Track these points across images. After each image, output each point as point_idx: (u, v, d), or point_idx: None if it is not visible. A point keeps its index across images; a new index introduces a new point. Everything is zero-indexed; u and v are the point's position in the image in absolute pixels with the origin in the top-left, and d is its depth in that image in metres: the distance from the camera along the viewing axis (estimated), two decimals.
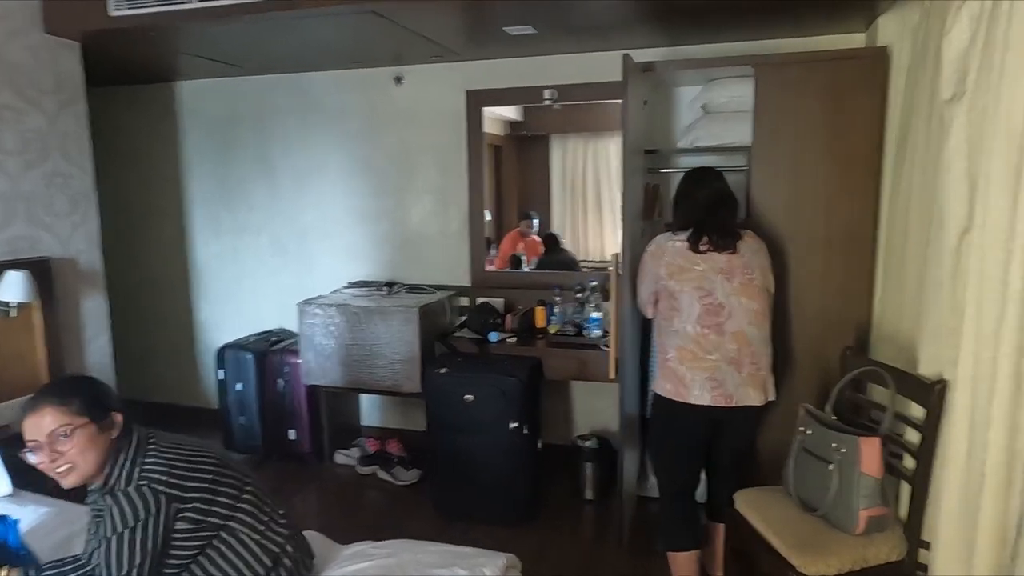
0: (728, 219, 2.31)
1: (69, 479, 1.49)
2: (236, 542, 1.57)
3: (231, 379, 3.69)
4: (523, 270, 3.77)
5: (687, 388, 2.23)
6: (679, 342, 2.24)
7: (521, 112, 3.80)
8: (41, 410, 1.47)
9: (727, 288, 2.22)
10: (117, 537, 1.44)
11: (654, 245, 2.36)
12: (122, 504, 1.46)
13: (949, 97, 1.78)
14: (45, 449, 1.45)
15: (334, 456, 3.70)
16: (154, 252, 4.30)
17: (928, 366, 2.03)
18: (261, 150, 4.00)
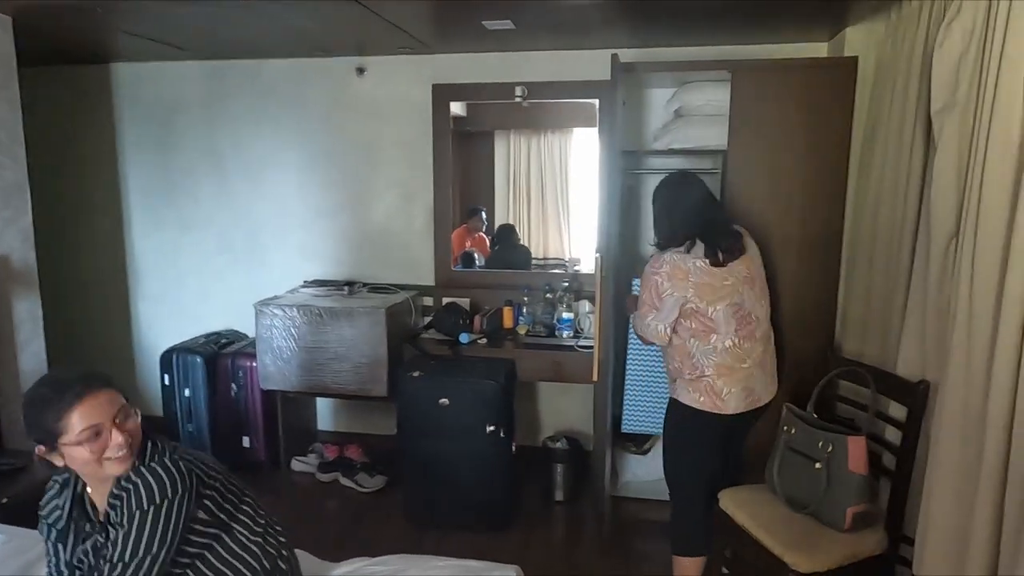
0: (727, 220, 2.28)
1: (122, 465, 1.38)
2: (237, 545, 1.51)
3: (178, 384, 3.45)
4: (477, 268, 3.70)
5: (723, 401, 2.19)
6: (717, 359, 2.18)
7: (465, 108, 3.73)
8: (98, 393, 1.37)
9: (752, 296, 2.21)
10: (155, 509, 1.35)
11: (668, 266, 2.17)
12: (159, 474, 1.38)
13: (939, 108, 1.85)
14: (107, 431, 1.36)
15: (291, 463, 3.53)
16: (88, 248, 3.97)
17: (907, 367, 2.12)
18: (208, 140, 3.76)
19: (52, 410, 1.34)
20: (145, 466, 1.39)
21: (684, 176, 2.36)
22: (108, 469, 1.37)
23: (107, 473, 1.38)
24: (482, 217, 3.82)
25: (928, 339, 1.97)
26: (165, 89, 3.74)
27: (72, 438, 1.33)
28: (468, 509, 2.88)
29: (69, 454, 1.36)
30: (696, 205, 2.23)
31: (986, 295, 1.62)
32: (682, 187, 2.29)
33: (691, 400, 2.23)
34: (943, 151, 1.83)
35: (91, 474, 1.39)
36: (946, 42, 1.80)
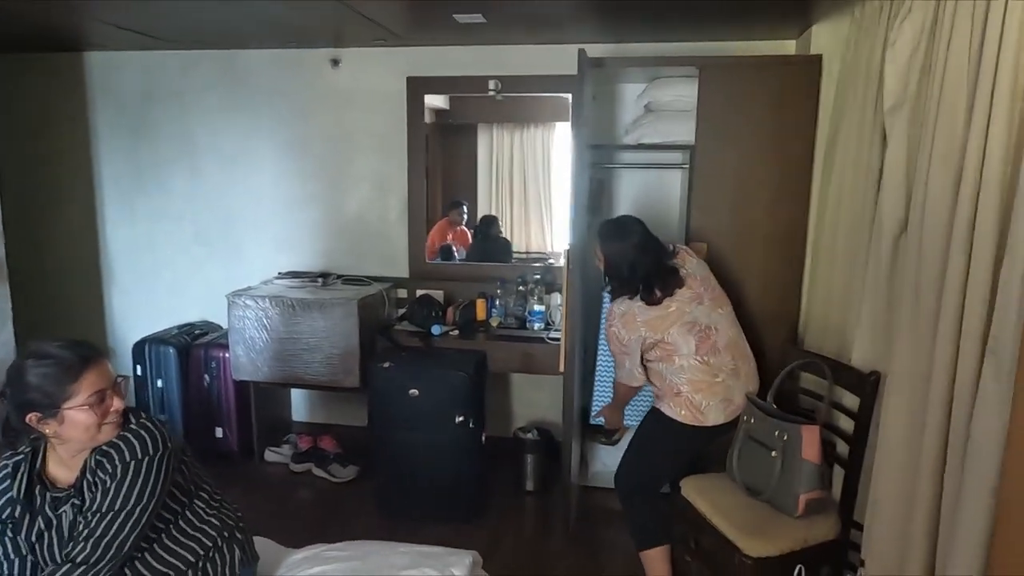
0: (666, 257, 2.34)
1: (116, 430, 1.47)
2: (197, 518, 1.59)
3: (151, 375, 3.45)
4: (457, 261, 3.72)
5: (704, 414, 2.26)
6: (688, 376, 2.27)
7: (447, 101, 3.75)
8: (101, 361, 1.47)
9: (704, 310, 2.29)
10: (146, 462, 1.43)
11: (618, 318, 2.32)
12: (141, 434, 1.46)
13: (891, 106, 1.90)
14: (110, 397, 1.44)
15: (264, 454, 3.54)
16: (61, 238, 3.95)
17: (861, 358, 2.17)
18: (182, 131, 3.75)
19: (64, 373, 1.41)
20: (127, 428, 1.47)
21: (619, 226, 2.38)
22: (104, 434, 1.44)
23: (101, 438, 1.44)
24: (463, 211, 3.84)
25: (879, 331, 2.02)
26: (140, 78, 3.73)
27: (81, 401, 1.40)
28: (438, 499, 2.91)
29: (72, 418, 1.42)
30: (634, 255, 2.29)
31: (929, 288, 1.67)
32: (621, 238, 2.33)
33: (674, 413, 2.30)
34: (893, 147, 1.88)
35: (86, 440, 1.45)
36: (898, 41, 1.85)
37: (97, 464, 1.43)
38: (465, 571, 1.64)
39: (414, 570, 1.61)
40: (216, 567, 1.59)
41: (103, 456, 1.43)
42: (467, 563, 1.67)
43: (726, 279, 2.80)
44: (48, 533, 1.48)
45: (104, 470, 1.42)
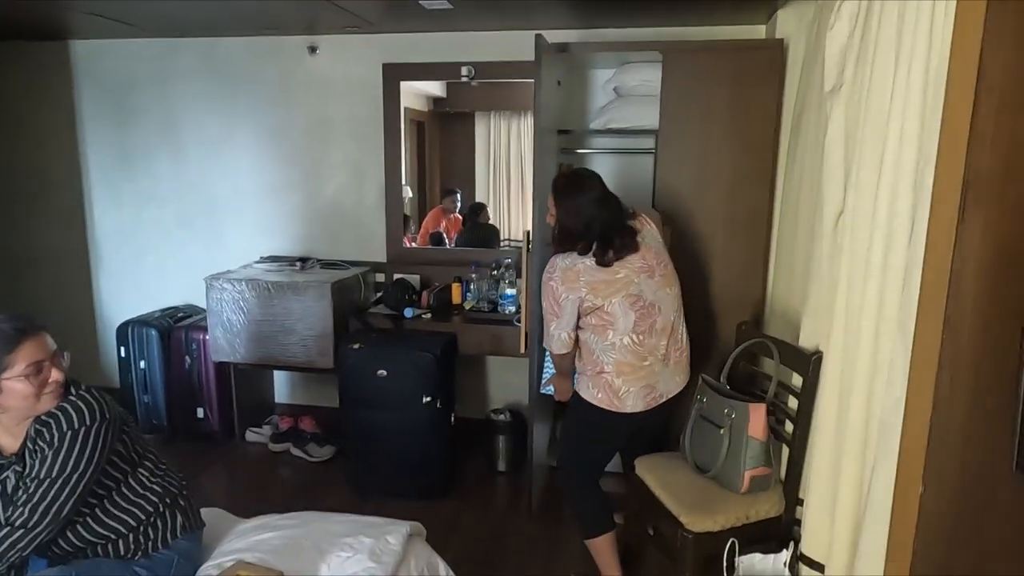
0: (623, 216, 2.20)
1: (55, 400, 1.53)
2: (140, 485, 1.66)
3: (134, 356, 3.54)
4: (441, 247, 3.78)
5: (621, 400, 2.16)
6: (616, 356, 2.14)
7: (444, 88, 3.78)
8: (40, 333, 1.53)
9: (652, 285, 2.15)
10: (83, 431, 1.50)
11: (560, 270, 2.14)
12: (80, 405, 1.52)
13: (829, 89, 1.92)
14: (48, 369, 1.51)
15: (245, 434, 3.62)
16: (48, 223, 4.03)
17: (808, 339, 2.20)
18: (165, 118, 3.81)
19: (2, 344, 1.47)
20: (67, 399, 1.55)
21: (577, 177, 2.24)
22: (43, 404, 1.51)
23: (40, 408, 1.51)
24: (456, 199, 3.89)
25: (821, 313, 2.05)
26: (122, 66, 3.79)
27: (18, 371, 1.47)
28: (406, 477, 2.98)
29: (10, 388, 1.49)
30: (592, 210, 2.12)
31: (858, 268, 1.71)
32: (577, 190, 2.17)
33: (590, 396, 2.20)
34: (832, 130, 1.91)
35: (23, 409, 1.52)
36: (836, 25, 1.87)
37: (37, 433, 1.50)
38: (400, 540, 1.70)
39: (350, 537, 1.67)
40: (157, 531, 1.66)
41: (42, 425, 1.50)
42: (403, 532, 1.73)
43: (690, 263, 2.84)
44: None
45: (43, 438, 1.49)
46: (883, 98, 1.63)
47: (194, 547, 1.72)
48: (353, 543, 1.67)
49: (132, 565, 1.61)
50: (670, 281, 2.24)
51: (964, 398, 1.17)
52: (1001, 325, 1.09)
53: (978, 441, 1.13)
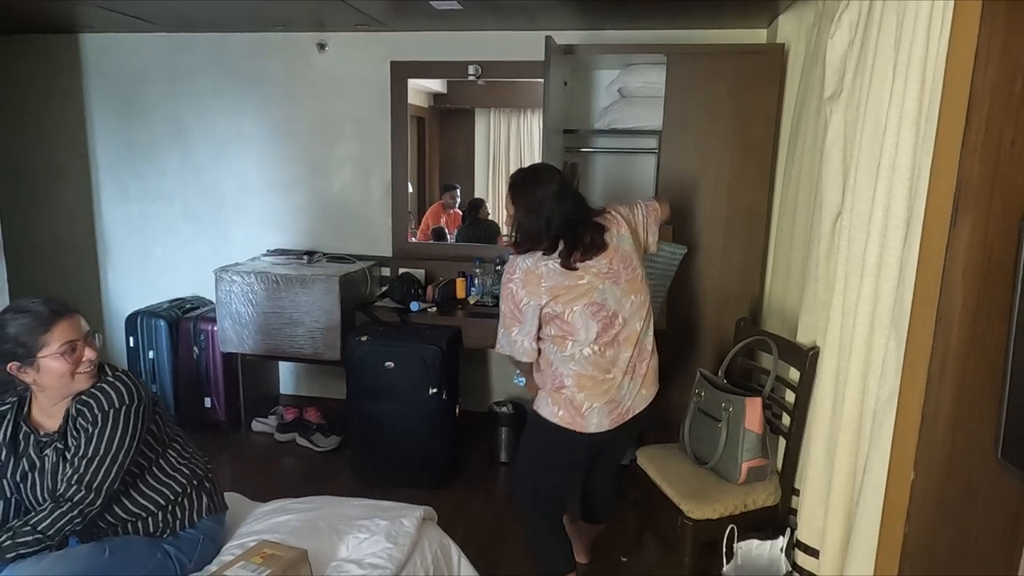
0: (587, 213, 2.01)
1: (90, 380, 1.61)
2: (169, 466, 1.74)
3: (143, 346, 3.60)
4: (446, 242, 3.85)
5: (584, 418, 1.98)
6: (576, 368, 1.97)
7: (445, 85, 3.84)
8: (74, 315, 1.61)
9: (617, 293, 1.98)
10: (124, 410, 1.59)
11: (520, 272, 1.96)
12: (117, 386, 1.61)
13: (829, 95, 2.00)
14: (82, 348, 1.58)
15: (251, 424, 3.69)
16: (57, 215, 4.08)
17: (804, 335, 2.28)
18: (173, 113, 3.86)
19: (38, 325, 1.55)
20: (104, 379, 1.62)
21: (533, 173, 2.04)
22: (77, 383, 1.58)
23: (75, 387, 1.59)
24: (455, 194, 3.96)
25: (818, 310, 2.14)
26: (132, 61, 3.83)
27: (54, 350, 1.54)
28: (411, 467, 3.05)
29: (47, 367, 1.56)
30: (552, 205, 1.93)
31: (855, 268, 1.78)
32: (532, 187, 1.98)
33: (550, 414, 2.01)
34: (831, 135, 1.98)
35: (61, 387, 1.59)
36: (836, 33, 1.94)
37: (78, 412, 1.58)
38: (415, 522, 1.78)
39: (366, 520, 1.75)
40: (184, 511, 1.74)
41: (83, 405, 1.57)
42: (417, 515, 1.81)
43: (690, 260, 2.92)
44: (32, 475, 1.62)
45: (85, 418, 1.56)
46: (881, 106, 1.70)
47: (218, 528, 1.80)
48: (369, 525, 1.75)
49: (161, 543, 1.68)
50: (636, 289, 2.02)
51: (952, 390, 1.25)
52: (987, 322, 1.17)
53: (965, 430, 1.21)
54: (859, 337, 1.70)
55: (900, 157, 1.56)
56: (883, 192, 1.62)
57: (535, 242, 1.96)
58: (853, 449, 1.72)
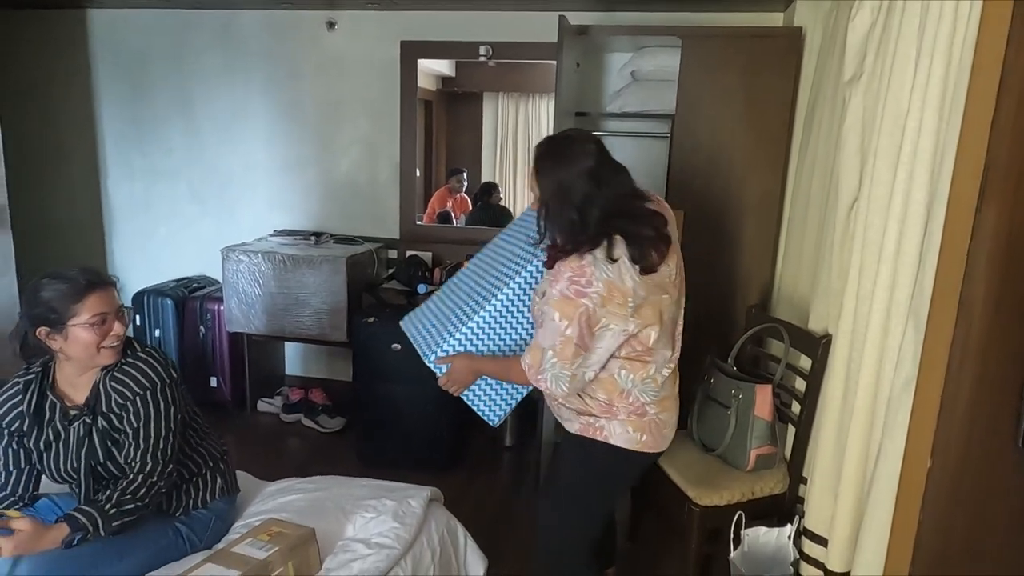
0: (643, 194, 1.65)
1: (114, 356, 1.61)
2: (186, 445, 1.75)
3: (149, 325, 3.60)
4: (453, 225, 3.82)
5: (664, 436, 1.74)
6: (658, 393, 1.68)
7: (453, 68, 3.80)
8: (108, 288, 1.60)
9: (673, 298, 1.66)
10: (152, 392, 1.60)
11: (602, 285, 1.49)
12: (151, 363, 1.63)
13: (848, 79, 1.96)
14: (111, 321, 1.57)
15: (257, 404, 3.69)
16: (64, 193, 4.07)
17: (817, 323, 2.26)
18: (179, 91, 3.83)
19: (72, 293, 1.54)
20: (136, 356, 1.62)
21: (561, 144, 1.59)
22: (102, 357, 1.58)
23: (99, 361, 1.58)
24: (462, 178, 3.93)
25: (832, 297, 2.11)
26: (139, 37, 3.80)
27: (84, 319, 1.54)
28: (416, 449, 3.05)
29: (75, 336, 1.55)
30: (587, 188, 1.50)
31: (871, 254, 1.76)
32: (560, 163, 1.53)
33: (628, 441, 1.68)
34: (849, 120, 1.95)
35: (86, 359, 1.58)
36: (857, 16, 1.90)
37: (113, 390, 1.57)
38: (422, 503, 1.77)
39: (373, 500, 1.74)
40: (197, 491, 1.74)
41: (119, 383, 1.57)
42: (424, 496, 1.80)
43: (701, 246, 2.88)
44: (56, 445, 1.62)
45: (124, 396, 1.57)
46: (903, 89, 1.67)
47: (229, 508, 1.80)
48: (376, 505, 1.74)
49: (173, 521, 1.68)
50: (683, 290, 1.74)
51: (972, 378, 1.23)
52: (1011, 310, 1.15)
53: (984, 418, 1.19)
54: (874, 324, 1.68)
55: (922, 142, 1.53)
56: (903, 177, 1.59)
57: (574, 240, 1.52)
58: (865, 437, 1.70)
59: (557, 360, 1.55)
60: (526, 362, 1.62)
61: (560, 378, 1.57)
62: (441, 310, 1.96)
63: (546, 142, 1.63)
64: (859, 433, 1.72)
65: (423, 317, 2.03)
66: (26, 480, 1.68)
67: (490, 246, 2.06)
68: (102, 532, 1.49)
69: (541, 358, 1.57)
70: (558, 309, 1.51)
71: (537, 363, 1.59)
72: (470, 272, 2.02)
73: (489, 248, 2.05)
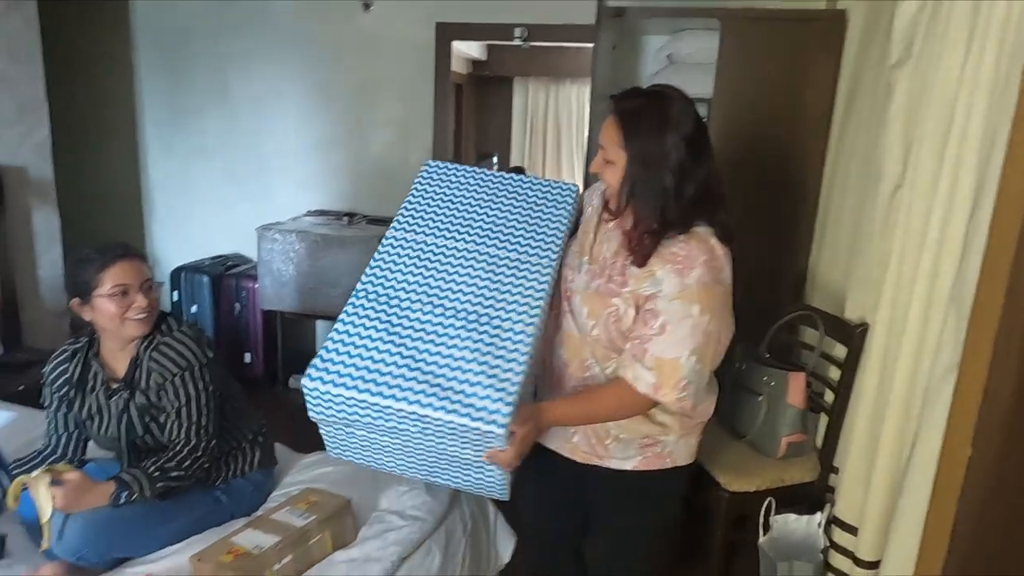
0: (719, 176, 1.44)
1: (140, 328, 1.64)
2: (225, 419, 1.78)
3: (185, 301, 3.68)
4: None
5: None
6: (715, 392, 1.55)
7: (485, 52, 3.80)
8: (133, 259, 1.64)
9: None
10: (190, 370, 1.64)
11: (728, 266, 1.41)
12: (186, 342, 1.65)
13: (895, 62, 1.92)
14: (134, 293, 1.60)
15: (288, 381, 3.76)
16: (104, 170, 4.17)
17: (853, 311, 2.24)
18: (216, 72, 3.89)
19: (94, 265, 1.59)
20: (171, 335, 1.65)
21: (667, 97, 1.36)
22: (128, 329, 1.61)
23: (126, 333, 1.62)
24: (492, 162, 3.94)
25: (870, 285, 2.08)
26: (179, 19, 3.86)
27: (105, 291, 1.58)
28: None
29: (99, 306, 1.60)
30: (685, 158, 1.31)
31: (913, 241, 1.73)
32: (673, 116, 1.32)
33: (689, 454, 1.51)
34: (895, 104, 1.91)
35: (113, 331, 1.63)
36: None
37: (151, 368, 1.62)
38: None
39: None
40: (237, 463, 1.79)
41: (156, 363, 1.61)
42: None
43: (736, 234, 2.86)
44: (98, 416, 1.68)
45: (162, 375, 1.62)
46: (951, 73, 1.63)
47: (267, 480, 1.85)
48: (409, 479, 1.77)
49: (214, 490, 1.73)
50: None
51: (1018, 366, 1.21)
52: None
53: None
54: (914, 313, 1.66)
55: (972, 126, 1.49)
56: (950, 163, 1.56)
57: (663, 219, 1.31)
58: (901, 426, 1.69)
59: (702, 366, 1.30)
60: (647, 382, 1.28)
61: (690, 392, 1.29)
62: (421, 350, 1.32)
63: (639, 95, 1.37)
64: (894, 422, 1.70)
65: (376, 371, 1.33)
66: (75, 444, 1.74)
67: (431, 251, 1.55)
68: (147, 494, 1.54)
69: (678, 369, 1.27)
70: (700, 300, 1.29)
71: (672, 377, 1.27)
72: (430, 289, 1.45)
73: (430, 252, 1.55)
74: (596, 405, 1.35)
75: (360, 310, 1.48)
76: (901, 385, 1.68)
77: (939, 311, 1.55)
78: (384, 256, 1.60)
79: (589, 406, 1.36)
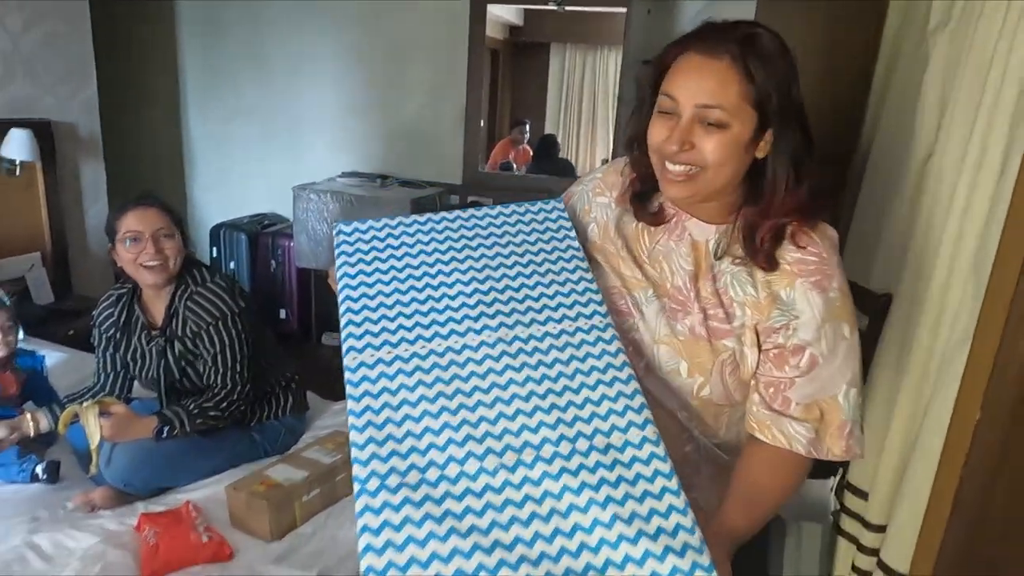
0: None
1: (155, 276, 1.73)
2: (258, 367, 1.88)
3: (224, 257, 3.81)
4: (516, 173, 3.86)
5: None
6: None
7: (522, 17, 3.77)
8: (148, 208, 1.73)
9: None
10: (223, 320, 1.74)
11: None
12: (219, 294, 1.76)
13: (934, 27, 1.88)
14: (145, 241, 1.69)
15: (321, 337, 3.89)
16: (147, 129, 4.31)
17: (878, 281, 2.22)
18: (253, 34, 3.98)
19: (117, 212, 1.74)
20: (204, 286, 1.75)
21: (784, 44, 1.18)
22: (142, 275, 1.71)
23: (141, 279, 1.72)
24: (525, 129, 3.96)
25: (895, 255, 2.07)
26: None
27: (119, 235, 1.72)
28: None
29: (118, 252, 1.74)
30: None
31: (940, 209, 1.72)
32: (796, 68, 1.15)
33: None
34: (931, 69, 1.88)
35: (132, 274, 1.76)
36: None
37: (187, 317, 1.72)
38: None
39: None
40: (271, 407, 1.89)
41: (191, 312, 1.72)
42: None
43: None
44: (140, 359, 1.80)
45: (198, 324, 1.72)
46: (989, 37, 1.60)
47: (299, 424, 1.96)
48: None
49: (249, 431, 1.85)
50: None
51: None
52: None
53: None
54: (937, 281, 1.65)
55: (1005, 90, 1.47)
56: (981, 128, 1.54)
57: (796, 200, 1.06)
58: (915, 393, 1.70)
59: (862, 398, 1.05)
60: (803, 439, 1.01)
61: (856, 436, 1.05)
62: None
63: (766, 33, 1.09)
64: (910, 390, 1.71)
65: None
66: (122, 383, 1.87)
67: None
68: (187, 429, 1.65)
69: (838, 411, 1.02)
70: (846, 316, 1.04)
71: (833, 423, 1.03)
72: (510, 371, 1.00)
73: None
74: (760, 493, 1.02)
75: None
76: (919, 353, 1.69)
77: (960, 279, 1.55)
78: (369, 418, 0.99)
79: (751, 499, 1.01)
